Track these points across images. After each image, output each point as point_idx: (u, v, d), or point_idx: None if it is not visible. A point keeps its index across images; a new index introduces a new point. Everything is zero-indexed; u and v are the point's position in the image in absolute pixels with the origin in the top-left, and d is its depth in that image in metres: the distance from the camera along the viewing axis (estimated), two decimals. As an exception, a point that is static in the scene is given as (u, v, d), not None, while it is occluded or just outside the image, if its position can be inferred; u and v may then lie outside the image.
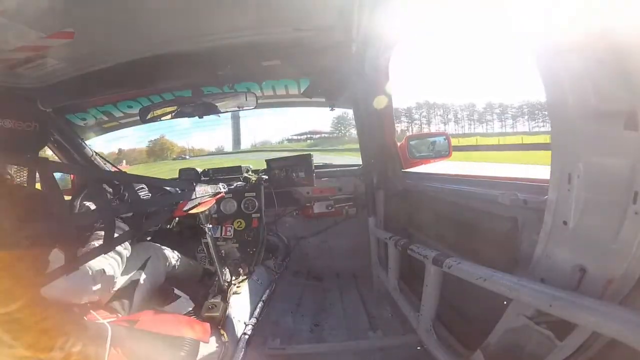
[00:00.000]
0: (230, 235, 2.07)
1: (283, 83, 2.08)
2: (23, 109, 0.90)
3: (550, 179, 0.69)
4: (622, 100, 0.52)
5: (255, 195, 2.13)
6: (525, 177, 1.01)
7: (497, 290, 0.74)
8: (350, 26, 1.32)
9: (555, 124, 0.65)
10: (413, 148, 2.00)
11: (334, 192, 2.36)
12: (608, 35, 0.50)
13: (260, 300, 1.78)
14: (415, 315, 1.34)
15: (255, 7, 1.31)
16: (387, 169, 1.90)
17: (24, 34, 1.20)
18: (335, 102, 1.93)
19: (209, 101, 1.88)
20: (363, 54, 1.57)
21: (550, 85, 0.64)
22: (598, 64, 0.53)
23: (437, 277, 1.12)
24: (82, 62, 1.59)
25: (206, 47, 1.56)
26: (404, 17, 1.28)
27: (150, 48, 1.54)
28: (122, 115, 2.26)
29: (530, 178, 0.98)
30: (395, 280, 1.68)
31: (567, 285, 0.65)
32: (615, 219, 0.57)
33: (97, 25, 1.27)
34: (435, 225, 1.64)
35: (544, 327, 0.69)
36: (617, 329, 0.49)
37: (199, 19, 1.35)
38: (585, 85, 0.57)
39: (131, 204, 0.98)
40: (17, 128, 0.85)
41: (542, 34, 0.62)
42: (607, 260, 0.58)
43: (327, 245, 2.55)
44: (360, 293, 2.07)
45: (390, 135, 1.85)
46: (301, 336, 1.63)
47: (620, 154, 0.55)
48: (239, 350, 1.37)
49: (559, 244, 0.69)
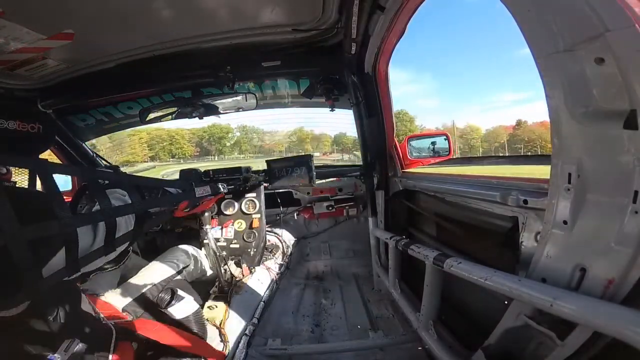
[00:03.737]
0: (230, 236, 2.07)
1: (283, 83, 2.08)
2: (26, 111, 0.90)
3: (550, 179, 0.69)
4: (622, 100, 0.52)
5: (256, 195, 2.14)
6: (526, 177, 1.01)
7: (497, 290, 0.74)
8: (350, 26, 1.32)
9: (555, 124, 0.65)
10: (413, 148, 2.00)
11: (334, 192, 2.36)
12: (608, 35, 0.50)
13: (261, 301, 1.79)
14: (416, 315, 1.34)
15: (255, 8, 1.31)
16: (387, 169, 1.90)
17: (25, 36, 1.20)
18: (335, 103, 1.93)
19: (209, 102, 1.88)
20: (363, 54, 1.57)
21: (550, 85, 0.64)
22: (598, 63, 0.53)
23: (438, 277, 1.12)
24: (82, 63, 1.59)
25: (206, 48, 1.57)
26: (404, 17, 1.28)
27: (150, 49, 1.55)
28: (123, 116, 2.26)
29: (530, 178, 0.98)
30: (395, 280, 1.68)
31: (567, 285, 0.65)
32: (615, 219, 0.57)
33: (97, 26, 1.27)
34: (436, 225, 1.64)
35: (545, 327, 0.69)
36: (618, 328, 0.49)
37: (199, 20, 1.35)
38: (585, 85, 0.57)
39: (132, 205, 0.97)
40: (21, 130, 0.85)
41: (542, 34, 0.62)
42: (608, 259, 0.58)
43: (327, 246, 2.56)
44: (361, 293, 2.07)
45: (390, 135, 1.85)
46: (302, 336, 1.63)
47: (620, 154, 0.55)
48: (239, 350, 1.37)
49: (559, 244, 0.69)
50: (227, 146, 59.56)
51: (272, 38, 1.54)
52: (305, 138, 54.17)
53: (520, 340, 0.80)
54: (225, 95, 1.88)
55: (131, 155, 60.47)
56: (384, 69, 1.67)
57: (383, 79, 1.69)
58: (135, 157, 59.62)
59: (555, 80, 0.62)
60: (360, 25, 1.31)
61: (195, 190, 1.31)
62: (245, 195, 2.14)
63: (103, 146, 56.03)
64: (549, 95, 0.64)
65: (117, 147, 62.13)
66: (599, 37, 0.51)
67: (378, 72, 1.66)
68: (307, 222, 2.54)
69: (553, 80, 0.63)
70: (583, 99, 0.58)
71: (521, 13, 0.64)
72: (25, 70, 1.52)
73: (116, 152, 63.29)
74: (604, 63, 0.52)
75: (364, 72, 1.68)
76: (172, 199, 1.31)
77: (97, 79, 1.69)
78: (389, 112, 1.81)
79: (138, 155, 59.94)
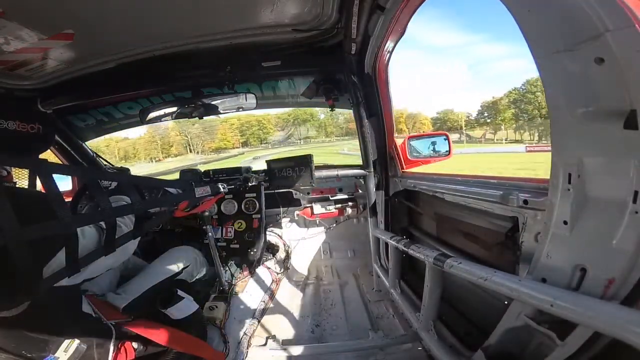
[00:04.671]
0: (230, 236, 2.08)
1: (283, 84, 2.08)
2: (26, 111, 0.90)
3: (550, 179, 0.69)
4: (622, 100, 0.52)
5: (256, 195, 2.14)
6: (526, 177, 1.02)
7: (497, 290, 0.74)
8: (350, 26, 1.32)
9: (556, 124, 0.65)
10: (413, 148, 2.00)
11: (334, 192, 2.36)
12: (608, 35, 0.50)
13: (261, 301, 1.79)
14: (416, 315, 1.35)
15: (255, 8, 1.31)
16: (387, 169, 1.90)
17: (25, 36, 1.20)
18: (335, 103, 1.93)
19: (209, 102, 1.88)
20: (363, 54, 1.57)
21: (550, 85, 0.64)
22: (598, 63, 0.53)
23: (438, 277, 1.12)
24: (82, 63, 1.59)
25: (206, 48, 1.57)
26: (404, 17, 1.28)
27: (150, 49, 1.55)
28: (123, 116, 2.26)
29: (530, 178, 0.98)
30: (395, 280, 1.68)
31: (568, 285, 0.65)
32: (615, 219, 0.57)
33: (97, 26, 1.27)
34: (436, 225, 1.64)
35: (545, 327, 0.69)
36: (618, 328, 0.49)
37: (199, 20, 1.35)
38: (585, 85, 0.57)
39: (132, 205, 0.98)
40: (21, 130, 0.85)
41: (542, 34, 0.62)
42: (608, 259, 0.58)
43: (327, 246, 2.56)
44: (361, 293, 2.07)
45: (390, 135, 1.85)
46: (302, 336, 1.63)
47: (620, 154, 0.55)
48: (240, 350, 1.37)
49: (559, 244, 0.69)
50: (311, 129, 58.07)
51: (272, 38, 1.54)
52: (398, 117, 53.95)
53: (521, 340, 0.80)
54: (226, 95, 1.89)
55: (222, 142, 59.39)
56: (384, 69, 1.67)
57: (383, 79, 1.69)
58: (226, 144, 59.34)
59: (555, 80, 0.62)
60: (360, 25, 1.31)
61: (195, 191, 1.31)
62: (245, 195, 2.14)
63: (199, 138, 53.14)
64: (549, 95, 0.64)
65: (208, 134, 60.63)
66: (599, 37, 0.51)
67: (378, 72, 1.66)
68: (307, 222, 2.54)
69: (553, 80, 0.63)
70: (583, 99, 0.58)
71: (521, 13, 0.64)
72: (25, 70, 1.52)
73: (207, 139, 62.14)
74: (604, 63, 0.52)
75: (364, 72, 1.68)
76: (172, 199, 1.31)
77: (97, 79, 1.69)
78: (389, 112, 1.81)
79: (229, 142, 59.60)
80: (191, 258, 1.69)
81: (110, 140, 57.76)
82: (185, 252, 1.71)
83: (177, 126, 56.94)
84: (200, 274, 1.77)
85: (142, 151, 60.97)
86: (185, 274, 1.60)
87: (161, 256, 1.61)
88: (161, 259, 1.58)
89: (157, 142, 61.13)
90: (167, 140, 61.44)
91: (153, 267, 1.51)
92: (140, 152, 60.97)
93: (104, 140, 56.81)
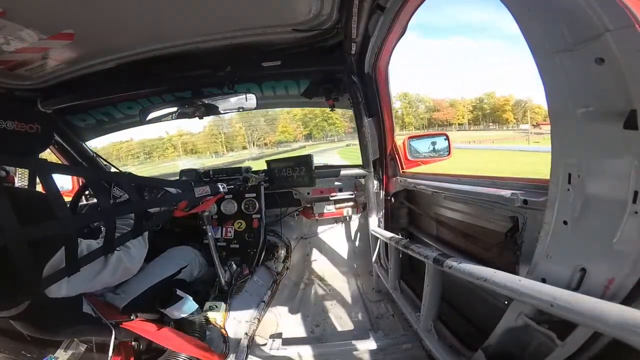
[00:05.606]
0: (230, 236, 2.07)
1: (283, 84, 2.08)
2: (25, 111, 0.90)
3: (550, 179, 0.69)
4: (622, 100, 0.52)
5: (256, 196, 2.13)
6: (526, 177, 1.02)
7: (497, 290, 0.74)
8: (350, 26, 1.32)
9: (556, 124, 0.65)
10: (413, 148, 2.00)
11: (335, 192, 2.36)
12: (608, 35, 0.50)
13: (261, 301, 1.78)
14: (416, 315, 1.35)
15: (255, 8, 1.31)
16: (387, 169, 1.90)
17: (25, 36, 1.20)
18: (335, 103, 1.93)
19: (209, 102, 1.88)
20: (363, 54, 1.57)
21: (550, 85, 0.64)
22: (598, 63, 0.53)
23: (438, 277, 1.12)
24: (82, 63, 1.59)
25: (206, 48, 1.57)
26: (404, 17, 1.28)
27: (150, 49, 1.55)
28: (123, 116, 2.26)
29: (530, 178, 0.98)
30: (395, 280, 1.68)
31: (568, 285, 0.65)
32: (615, 219, 0.57)
33: (97, 26, 1.27)
34: (436, 225, 1.64)
35: (545, 327, 0.69)
36: (619, 328, 0.49)
37: (199, 20, 1.35)
38: (585, 85, 0.57)
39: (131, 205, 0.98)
40: (20, 130, 0.85)
41: (542, 34, 0.62)
42: (608, 260, 0.58)
43: (327, 246, 2.56)
44: (361, 293, 2.07)
45: (390, 135, 1.85)
46: (302, 336, 1.63)
47: (620, 154, 0.55)
48: (240, 350, 1.37)
49: (559, 244, 0.69)
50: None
51: (272, 38, 1.54)
52: (504, 104, 51.98)
53: (521, 340, 0.80)
54: (226, 95, 1.89)
55: (282, 135, 56.13)
56: (384, 69, 1.67)
57: (383, 79, 1.69)
58: (287, 137, 55.90)
59: (555, 80, 0.62)
60: (360, 25, 1.31)
61: (195, 190, 1.31)
62: (245, 195, 2.14)
63: (261, 131, 49.18)
64: (549, 95, 0.64)
65: (271, 126, 56.45)
66: (599, 37, 0.51)
67: (378, 72, 1.66)
68: (307, 222, 2.54)
69: (553, 80, 0.63)
70: (583, 99, 0.58)
71: (521, 13, 0.64)
72: (25, 70, 1.52)
73: (269, 132, 56.79)
74: (604, 63, 0.52)
75: (364, 72, 1.68)
76: (171, 199, 1.31)
77: (97, 79, 1.69)
78: (389, 112, 1.81)
79: (290, 135, 56.29)
80: (191, 258, 1.69)
81: (178, 137, 55.07)
82: (185, 252, 1.71)
83: (239, 117, 52.04)
84: (200, 274, 1.77)
85: (201, 145, 56.96)
86: (185, 274, 1.59)
87: (160, 256, 1.61)
88: (161, 259, 1.58)
89: (219, 135, 56.29)
90: (229, 135, 56.60)
91: (152, 267, 1.51)
92: (200, 147, 56.95)
93: (176, 133, 53.72)
